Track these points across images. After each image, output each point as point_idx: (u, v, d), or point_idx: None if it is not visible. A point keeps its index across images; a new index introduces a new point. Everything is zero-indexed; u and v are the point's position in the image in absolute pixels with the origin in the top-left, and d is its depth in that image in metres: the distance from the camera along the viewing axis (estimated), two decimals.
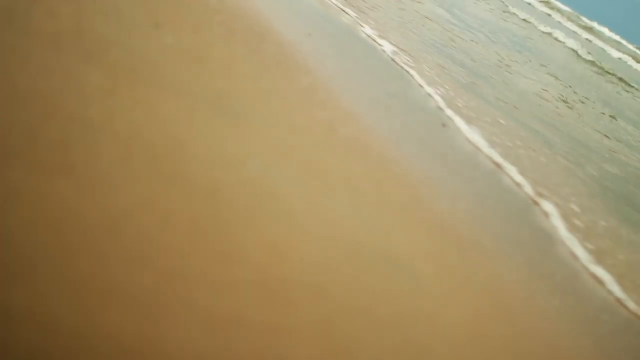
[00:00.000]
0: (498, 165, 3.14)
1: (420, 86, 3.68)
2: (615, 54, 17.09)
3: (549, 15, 17.50)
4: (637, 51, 20.31)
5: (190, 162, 1.44)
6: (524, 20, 12.81)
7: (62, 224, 1.05)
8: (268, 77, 2.29)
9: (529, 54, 8.83)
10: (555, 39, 13.20)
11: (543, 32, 12.99)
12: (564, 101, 6.57)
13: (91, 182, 1.18)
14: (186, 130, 1.55)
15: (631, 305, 2.44)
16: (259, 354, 1.05)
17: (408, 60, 4.04)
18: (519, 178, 3.12)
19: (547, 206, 2.96)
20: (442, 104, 3.57)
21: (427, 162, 2.68)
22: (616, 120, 7.47)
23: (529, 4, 17.22)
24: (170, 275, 1.08)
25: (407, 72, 3.80)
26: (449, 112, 3.49)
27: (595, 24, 20.50)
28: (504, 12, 12.09)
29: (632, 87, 12.21)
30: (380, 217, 1.82)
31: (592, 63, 12.67)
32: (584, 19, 20.68)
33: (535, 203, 2.93)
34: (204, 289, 1.10)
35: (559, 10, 19.08)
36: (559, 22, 17.00)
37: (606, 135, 6.04)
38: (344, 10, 4.37)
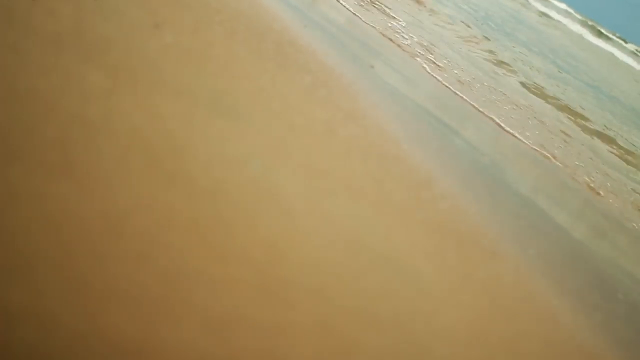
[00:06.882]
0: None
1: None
2: None
3: None
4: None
5: (190, 162, 1.44)
6: None
7: (61, 224, 1.05)
8: (268, 77, 2.29)
9: None
10: None
11: None
12: None
13: (91, 182, 1.18)
14: (186, 130, 1.55)
15: None
16: (258, 354, 1.05)
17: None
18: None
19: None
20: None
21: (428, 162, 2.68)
22: None
23: None
24: (170, 275, 1.08)
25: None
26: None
27: None
28: None
29: None
30: (380, 217, 1.81)
31: None
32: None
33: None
34: (203, 288, 1.10)
35: None
36: None
37: None
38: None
